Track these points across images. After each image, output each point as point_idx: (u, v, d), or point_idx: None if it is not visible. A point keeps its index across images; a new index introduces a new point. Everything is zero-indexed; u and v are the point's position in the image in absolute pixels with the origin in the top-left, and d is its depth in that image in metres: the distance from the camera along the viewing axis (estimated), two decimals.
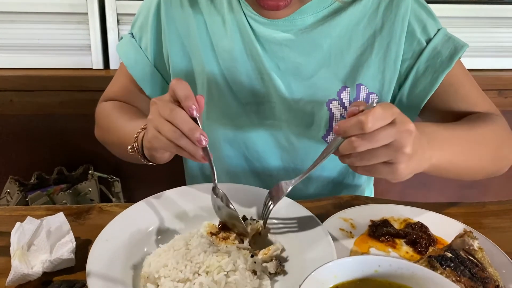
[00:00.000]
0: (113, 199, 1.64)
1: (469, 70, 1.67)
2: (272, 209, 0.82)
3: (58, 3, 1.51)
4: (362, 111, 0.68)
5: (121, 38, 1.14)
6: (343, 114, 1.03)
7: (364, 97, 1.02)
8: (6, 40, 1.54)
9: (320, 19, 0.98)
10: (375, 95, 1.02)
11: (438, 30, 1.00)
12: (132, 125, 0.96)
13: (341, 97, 1.01)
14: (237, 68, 1.01)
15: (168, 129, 0.76)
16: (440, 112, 1.02)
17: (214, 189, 0.83)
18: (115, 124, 1.05)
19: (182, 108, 0.77)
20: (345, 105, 1.02)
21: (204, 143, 0.75)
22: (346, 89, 1.01)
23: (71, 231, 0.83)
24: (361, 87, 1.01)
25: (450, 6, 1.63)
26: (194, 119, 0.77)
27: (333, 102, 1.02)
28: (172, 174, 1.60)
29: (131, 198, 1.73)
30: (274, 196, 0.83)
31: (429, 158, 0.75)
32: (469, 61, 1.68)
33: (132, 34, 1.12)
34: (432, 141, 0.76)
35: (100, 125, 1.14)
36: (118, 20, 1.55)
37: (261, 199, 0.85)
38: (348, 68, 1.00)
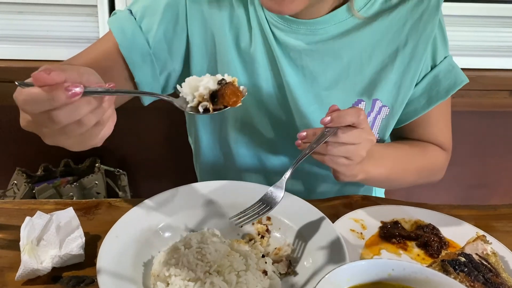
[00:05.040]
0: (120, 193, 1.63)
1: (480, 69, 1.69)
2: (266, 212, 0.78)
3: None
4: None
5: (114, 13, 0.99)
6: None
7: (378, 110, 1.02)
8: (15, 31, 1.53)
9: (344, 31, 0.95)
10: (387, 108, 1.02)
11: (445, 57, 1.00)
12: None
13: None
14: (256, 71, 0.99)
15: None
16: (404, 132, 1.09)
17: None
18: None
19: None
20: None
21: (78, 92, 0.55)
22: (362, 102, 1.00)
23: (80, 227, 0.82)
24: (377, 101, 1.00)
25: (461, 5, 1.61)
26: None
27: None
28: (179, 168, 1.59)
29: (138, 192, 1.72)
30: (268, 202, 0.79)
31: (364, 171, 0.89)
32: (479, 61, 1.68)
33: (130, 11, 0.97)
34: (371, 158, 0.88)
35: None
36: None
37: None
38: (366, 82, 0.99)
